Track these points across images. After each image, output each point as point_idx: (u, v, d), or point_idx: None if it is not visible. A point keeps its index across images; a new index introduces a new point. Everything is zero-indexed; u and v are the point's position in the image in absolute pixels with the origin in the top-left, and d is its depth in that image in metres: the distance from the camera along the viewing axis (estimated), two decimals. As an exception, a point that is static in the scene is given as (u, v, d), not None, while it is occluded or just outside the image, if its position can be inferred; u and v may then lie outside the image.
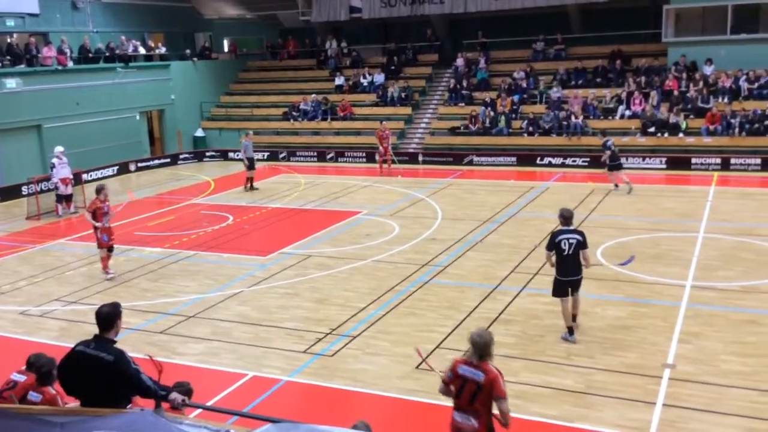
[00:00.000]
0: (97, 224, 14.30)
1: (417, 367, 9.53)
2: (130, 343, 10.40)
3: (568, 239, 10.24)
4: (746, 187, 21.39)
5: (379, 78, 32.45)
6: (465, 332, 10.79)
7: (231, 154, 31.33)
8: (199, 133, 33.12)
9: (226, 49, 38.17)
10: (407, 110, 30.85)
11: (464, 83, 30.59)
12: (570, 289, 10.45)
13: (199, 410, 6.38)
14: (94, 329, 5.81)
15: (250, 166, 23.73)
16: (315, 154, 30.14)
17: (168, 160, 30.86)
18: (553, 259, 10.42)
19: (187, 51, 33.88)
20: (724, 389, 8.81)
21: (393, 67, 33.04)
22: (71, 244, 17.67)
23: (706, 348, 10.00)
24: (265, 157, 30.32)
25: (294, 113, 32.01)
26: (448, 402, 9.02)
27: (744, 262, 13.76)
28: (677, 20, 27.79)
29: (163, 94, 31.53)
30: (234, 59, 37.19)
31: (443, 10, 31.09)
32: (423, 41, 33.90)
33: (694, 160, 24.12)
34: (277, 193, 23.22)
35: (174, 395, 5.57)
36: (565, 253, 10.26)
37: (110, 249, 14.66)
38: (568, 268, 10.35)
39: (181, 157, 31.50)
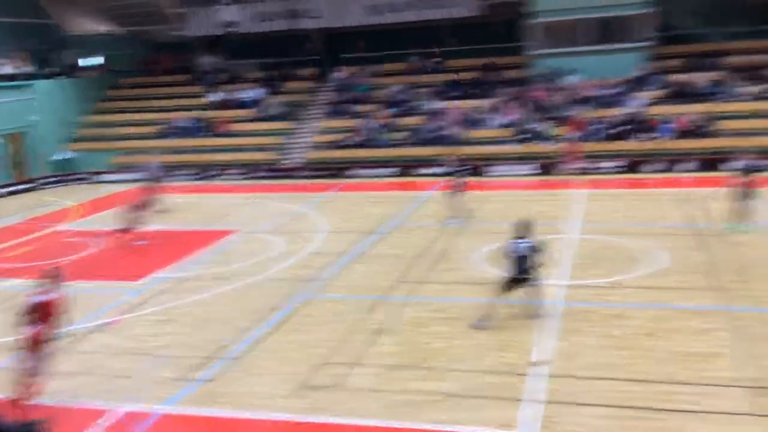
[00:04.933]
0: None
1: None
2: (-13, 383, 9.50)
3: None
4: (611, 188, 22.65)
5: (259, 93, 31.96)
6: (352, 346, 10.72)
7: (103, 176, 29.82)
8: (67, 155, 31.29)
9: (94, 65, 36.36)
10: (288, 125, 30.55)
11: (344, 97, 30.68)
12: None
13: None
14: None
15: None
16: (195, 171, 29.21)
17: (32, 185, 28.92)
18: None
19: (52, 69, 31.97)
20: (593, 381, 9.16)
21: (272, 82, 32.63)
22: None
23: (580, 342, 10.39)
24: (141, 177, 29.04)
25: (171, 130, 30.90)
26: (338, 419, 8.86)
27: (610, 260, 14.49)
28: (543, 34, 29.20)
29: (26, 115, 29.57)
30: (103, 76, 35.46)
31: (320, 25, 31.11)
32: (301, 56, 33.75)
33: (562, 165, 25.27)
34: (153, 214, 22.15)
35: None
36: None
37: None
38: None
39: (47, 181, 29.59)
